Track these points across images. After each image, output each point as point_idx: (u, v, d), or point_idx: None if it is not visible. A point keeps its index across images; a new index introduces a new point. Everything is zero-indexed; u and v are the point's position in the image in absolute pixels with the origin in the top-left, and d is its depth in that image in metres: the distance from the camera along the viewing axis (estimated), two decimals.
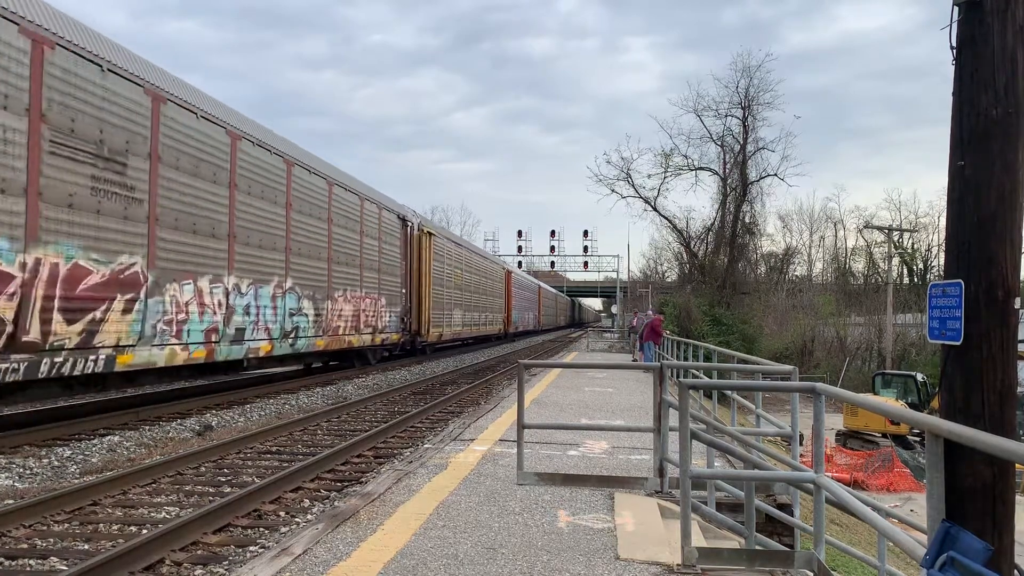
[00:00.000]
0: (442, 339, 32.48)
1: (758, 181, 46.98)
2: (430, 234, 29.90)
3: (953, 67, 4.45)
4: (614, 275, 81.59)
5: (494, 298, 46.12)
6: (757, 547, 5.53)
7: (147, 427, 12.27)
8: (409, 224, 27.31)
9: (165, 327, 12.51)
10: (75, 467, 9.52)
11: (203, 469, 9.44)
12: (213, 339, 13.97)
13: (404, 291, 26.20)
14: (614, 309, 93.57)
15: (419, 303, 27.91)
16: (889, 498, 19.96)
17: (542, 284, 76.20)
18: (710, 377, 12.02)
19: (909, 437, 27.98)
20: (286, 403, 15.86)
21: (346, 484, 8.87)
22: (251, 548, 6.42)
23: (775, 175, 46.54)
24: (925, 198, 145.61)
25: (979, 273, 4.26)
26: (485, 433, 10.03)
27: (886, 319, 43.25)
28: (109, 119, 11.08)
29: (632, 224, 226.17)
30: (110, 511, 7.51)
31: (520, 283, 58.97)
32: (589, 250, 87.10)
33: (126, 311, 11.49)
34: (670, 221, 50.99)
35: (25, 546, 6.35)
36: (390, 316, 24.46)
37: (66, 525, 6.99)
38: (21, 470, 9.15)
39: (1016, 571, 5.21)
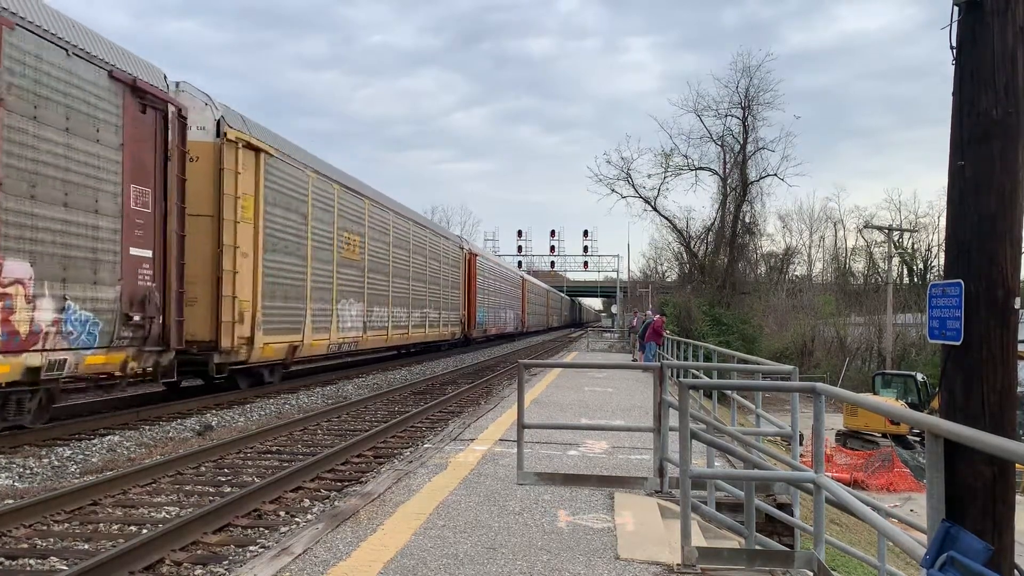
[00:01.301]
0: (303, 353, 18.38)
1: (758, 181, 46.95)
2: (256, 149, 15.53)
3: (953, 67, 4.45)
4: (614, 275, 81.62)
5: (444, 288, 33.14)
6: (757, 547, 5.53)
7: (147, 427, 12.27)
8: (159, 107, 12.71)
9: None
10: (75, 467, 9.52)
11: (203, 469, 9.45)
12: None
13: (148, 255, 12.43)
14: (614, 309, 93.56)
15: (218, 282, 14.53)
16: (889, 498, 19.96)
17: (527, 276, 65.79)
18: (710, 377, 12.02)
19: (909, 437, 27.97)
20: (286, 403, 15.86)
21: (346, 484, 8.87)
22: (251, 548, 6.42)
23: (775, 175, 46.49)
24: (925, 198, 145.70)
25: (979, 273, 4.25)
26: (485, 433, 10.03)
27: (886, 319, 43.24)
28: None
29: (632, 224, 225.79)
30: (110, 511, 7.52)
31: (491, 270, 45.60)
32: (589, 250, 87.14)
33: None
34: (670, 221, 50.98)
35: (25, 546, 6.35)
36: (74, 310, 10.87)
37: (66, 525, 6.99)
38: (21, 470, 9.16)
39: (1016, 571, 5.21)
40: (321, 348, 19.49)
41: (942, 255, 7.32)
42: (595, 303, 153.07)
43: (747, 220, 48.33)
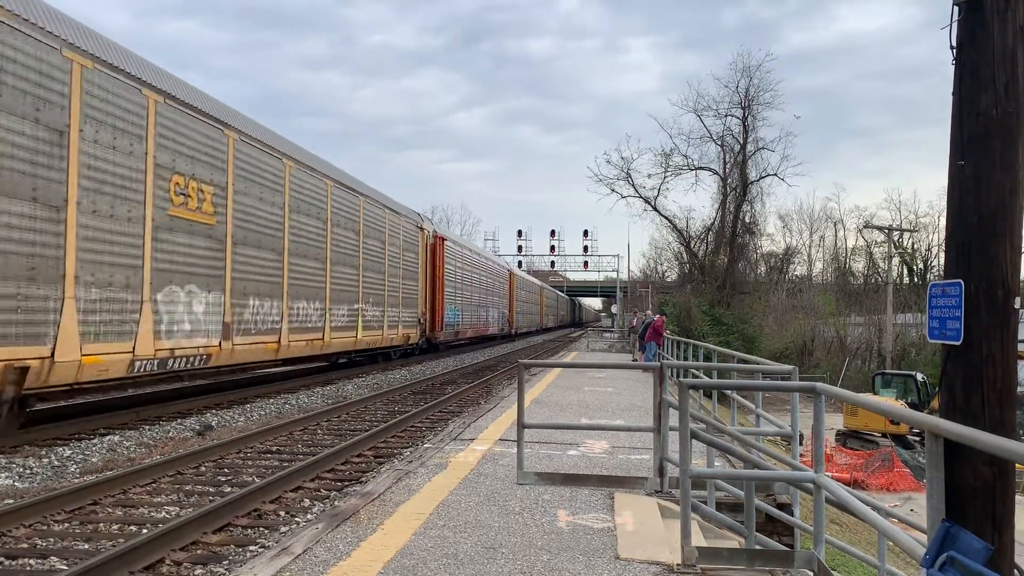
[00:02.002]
0: (61, 377, 10.37)
1: (758, 181, 47.00)
2: None
3: (953, 67, 4.46)
4: (614, 275, 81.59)
5: (392, 278, 24.75)
6: (757, 547, 5.53)
7: (147, 427, 12.27)
8: None
9: None
10: (75, 467, 9.52)
11: (203, 469, 9.45)
12: None
13: None
14: (614, 309, 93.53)
15: None
16: (889, 498, 19.96)
17: (516, 270, 58.33)
18: (710, 377, 12.02)
19: (909, 437, 27.99)
20: (286, 403, 15.86)
21: (346, 484, 8.88)
22: (251, 548, 6.42)
23: (775, 175, 46.53)
24: (925, 198, 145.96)
25: (979, 273, 4.26)
26: (485, 433, 10.03)
27: (886, 319, 43.25)
28: None
29: (632, 224, 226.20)
30: (110, 511, 7.52)
31: (466, 260, 37.15)
32: (589, 250, 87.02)
33: None
34: (670, 221, 50.99)
35: (25, 546, 6.35)
36: None
37: (66, 525, 6.99)
38: (21, 470, 9.16)
39: (1016, 571, 5.21)
40: (114, 367, 11.48)
41: (942, 255, 7.32)
42: (595, 303, 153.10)
43: (747, 220, 48.41)
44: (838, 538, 9.61)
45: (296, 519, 7.38)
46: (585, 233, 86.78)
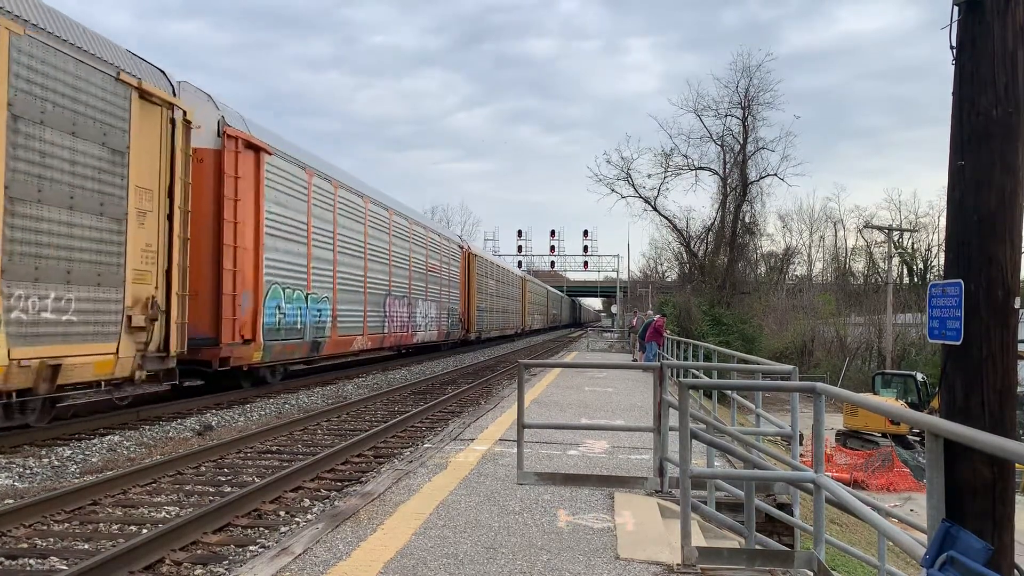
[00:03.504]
0: None
1: (758, 181, 47.05)
2: None
3: (953, 67, 4.45)
4: (614, 275, 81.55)
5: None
6: (757, 547, 5.53)
7: (147, 427, 12.27)
8: None
9: None
10: (75, 467, 9.52)
11: (203, 469, 9.45)
12: None
13: None
14: (614, 309, 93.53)
15: None
16: (889, 498, 19.97)
17: (477, 250, 44.88)
18: (710, 377, 12.02)
19: (909, 437, 27.99)
20: (286, 403, 15.86)
21: (346, 484, 8.88)
22: (251, 548, 6.42)
23: (775, 175, 46.62)
24: (925, 198, 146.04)
25: (979, 273, 4.26)
26: (485, 433, 10.03)
27: (886, 319, 43.24)
28: None
29: (632, 224, 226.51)
30: (110, 511, 7.52)
31: (339, 200, 20.11)
32: (589, 250, 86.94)
33: None
34: (670, 221, 51.02)
35: (25, 546, 6.35)
36: None
37: (66, 525, 6.99)
38: (21, 470, 9.16)
39: (1016, 571, 5.21)
40: None
41: (942, 255, 7.33)
42: (595, 303, 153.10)
43: (747, 220, 48.47)
44: (838, 538, 9.61)
45: (296, 519, 7.38)
46: (585, 233, 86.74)
